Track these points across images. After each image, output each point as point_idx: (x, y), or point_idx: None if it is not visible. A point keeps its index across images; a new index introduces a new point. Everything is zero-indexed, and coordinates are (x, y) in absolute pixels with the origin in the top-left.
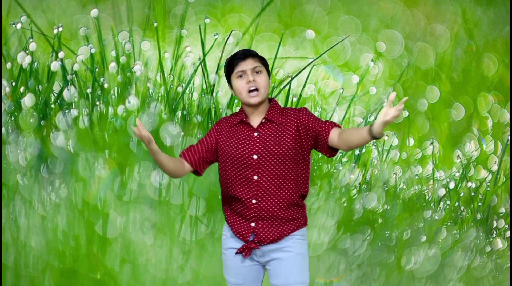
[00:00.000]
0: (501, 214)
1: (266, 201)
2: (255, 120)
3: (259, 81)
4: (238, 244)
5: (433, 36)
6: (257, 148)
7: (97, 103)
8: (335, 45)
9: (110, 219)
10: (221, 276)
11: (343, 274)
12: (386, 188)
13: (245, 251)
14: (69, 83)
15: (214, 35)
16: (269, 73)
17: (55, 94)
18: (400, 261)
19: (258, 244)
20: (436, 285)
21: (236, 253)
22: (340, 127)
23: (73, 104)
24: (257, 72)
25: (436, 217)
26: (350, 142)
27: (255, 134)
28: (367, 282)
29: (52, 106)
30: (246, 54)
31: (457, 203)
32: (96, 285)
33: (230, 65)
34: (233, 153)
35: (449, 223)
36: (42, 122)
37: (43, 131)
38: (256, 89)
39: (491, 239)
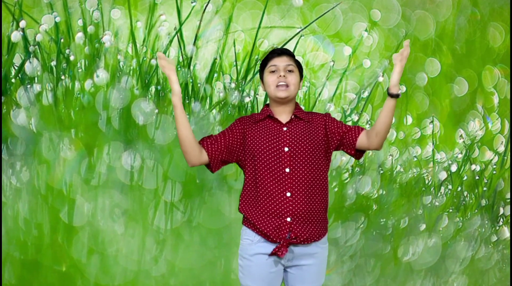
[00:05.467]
0: (508, 200)
1: (300, 194)
2: (282, 117)
3: (290, 79)
4: (268, 248)
5: (433, 3)
6: (287, 141)
7: (62, 77)
8: (325, 13)
9: (77, 206)
10: (199, 268)
11: (334, 266)
12: (382, 171)
13: (281, 250)
14: (31, 55)
15: (192, 2)
16: (301, 76)
17: (16, 68)
18: (396, 252)
19: (295, 240)
20: (437, 278)
21: (272, 253)
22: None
23: (36, 78)
24: (290, 71)
25: (437, 203)
26: (378, 125)
27: (284, 129)
28: (360, 275)
29: (13, 80)
30: (284, 51)
31: (459, 188)
32: (61, 278)
33: (265, 60)
34: (262, 146)
35: (451, 210)
36: (1, 98)
37: (3, 108)
38: (286, 85)
39: (497, 228)
